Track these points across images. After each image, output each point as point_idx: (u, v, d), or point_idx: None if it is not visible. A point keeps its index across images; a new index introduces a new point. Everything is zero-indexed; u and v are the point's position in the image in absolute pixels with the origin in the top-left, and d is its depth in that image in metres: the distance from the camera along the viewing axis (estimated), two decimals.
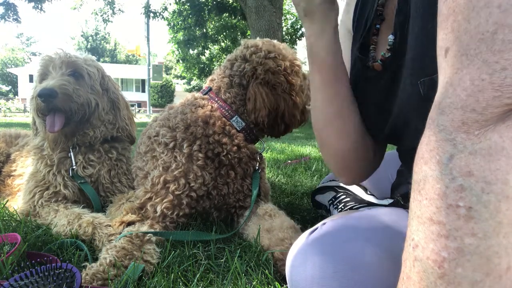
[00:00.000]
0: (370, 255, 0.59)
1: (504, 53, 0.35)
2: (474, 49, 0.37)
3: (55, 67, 1.38)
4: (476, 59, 0.37)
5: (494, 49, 0.35)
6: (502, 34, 0.35)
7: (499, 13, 0.35)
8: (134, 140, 1.61)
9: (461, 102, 0.38)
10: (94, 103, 1.43)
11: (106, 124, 1.49)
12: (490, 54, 0.36)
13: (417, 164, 0.43)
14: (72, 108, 1.35)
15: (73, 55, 1.43)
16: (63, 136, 1.40)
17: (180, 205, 1.21)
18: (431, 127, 0.41)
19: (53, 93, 1.28)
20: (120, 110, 1.54)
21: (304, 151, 3.76)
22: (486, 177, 0.36)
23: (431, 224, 0.39)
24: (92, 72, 1.44)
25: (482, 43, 0.36)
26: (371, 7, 0.76)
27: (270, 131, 1.36)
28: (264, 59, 1.29)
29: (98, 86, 1.46)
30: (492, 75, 0.35)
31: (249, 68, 1.29)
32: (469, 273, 0.36)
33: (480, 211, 0.36)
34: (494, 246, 0.35)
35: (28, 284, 0.76)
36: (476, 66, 0.37)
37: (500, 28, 0.35)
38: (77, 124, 1.41)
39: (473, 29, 0.37)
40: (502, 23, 0.35)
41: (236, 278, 0.89)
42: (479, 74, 0.36)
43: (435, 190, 0.39)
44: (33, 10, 11.87)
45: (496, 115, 0.36)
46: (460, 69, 0.38)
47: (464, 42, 0.38)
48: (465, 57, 0.38)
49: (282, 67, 1.30)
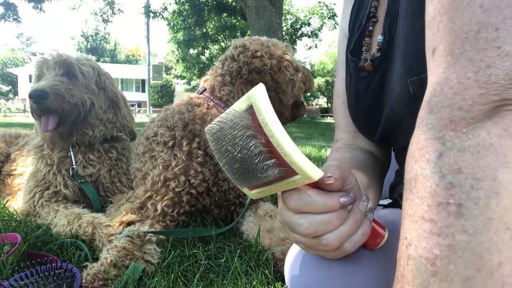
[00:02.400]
0: (367, 258, 0.59)
1: (488, 51, 0.35)
2: (459, 48, 0.38)
3: (49, 68, 1.39)
4: (461, 58, 0.37)
5: (478, 47, 0.36)
6: (486, 32, 0.36)
7: (482, 12, 0.36)
8: (135, 136, 1.60)
9: (448, 101, 0.38)
10: (90, 102, 1.43)
11: (105, 123, 1.49)
12: (474, 53, 0.36)
13: (408, 163, 0.43)
14: (64, 108, 1.34)
15: (66, 55, 1.43)
16: (58, 136, 1.40)
17: (181, 202, 1.22)
18: (420, 126, 0.42)
19: (43, 94, 1.28)
20: (120, 108, 1.54)
21: (304, 151, 3.76)
22: (475, 173, 0.36)
23: (423, 222, 0.39)
24: (86, 71, 1.43)
25: (466, 42, 0.37)
26: (365, 10, 0.76)
27: None
28: (251, 59, 1.32)
29: (94, 85, 1.45)
30: (477, 73, 0.36)
31: (235, 68, 1.33)
32: (461, 269, 0.37)
33: (470, 207, 0.36)
34: (485, 242, 0.36)
35: (28, 284, 0.76)
36: (461, 64, 0.37)
37: (483, 27, 0.36)
38: (73, 124, 1.41)
39: (457, 28, 0.38)
40: (485, 22, 0.36)
41: (236, 278, 0.89)
42: (464, 73, 0.37)
43: (425, 189, 0.39)
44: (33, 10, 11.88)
45: (483, 112, 0.36)
46: (446, 68, 0.39)
47: (449, 42, 0.39)
48: (451, 57, 0.38)
49: (268, 66, 1.32)
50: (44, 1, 11.77)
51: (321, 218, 0.49)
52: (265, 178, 0.45)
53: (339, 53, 0.90)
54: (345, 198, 0.49)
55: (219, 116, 0.47)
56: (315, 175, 0.45)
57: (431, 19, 0.42)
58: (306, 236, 0.51)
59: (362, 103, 0.77)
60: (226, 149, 0.45)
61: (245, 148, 0.43)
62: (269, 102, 0.43)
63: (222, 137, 0.45)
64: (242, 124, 0.43)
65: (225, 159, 0.46)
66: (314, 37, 19.31)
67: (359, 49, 0.76)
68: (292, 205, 0.50)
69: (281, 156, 0.43)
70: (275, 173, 0.44)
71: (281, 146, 0.42)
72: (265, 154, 0.43)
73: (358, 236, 0.52)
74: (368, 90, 0.74)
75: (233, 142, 0.44)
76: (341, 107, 0.87)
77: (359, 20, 0.79)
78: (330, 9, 18.61)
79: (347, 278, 0.57)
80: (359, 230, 0.52)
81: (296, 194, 0.49)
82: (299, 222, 0.50)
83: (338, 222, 0.50)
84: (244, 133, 0.43)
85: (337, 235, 0.50)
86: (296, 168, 0.43)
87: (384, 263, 0.58)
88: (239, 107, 0.46)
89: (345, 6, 0.89)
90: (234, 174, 0.47)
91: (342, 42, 0.89)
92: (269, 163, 0.43)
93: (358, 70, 0.75)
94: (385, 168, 0.87)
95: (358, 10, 0.81)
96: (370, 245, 0.58)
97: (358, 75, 0.76)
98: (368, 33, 0.74)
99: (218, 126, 0.46)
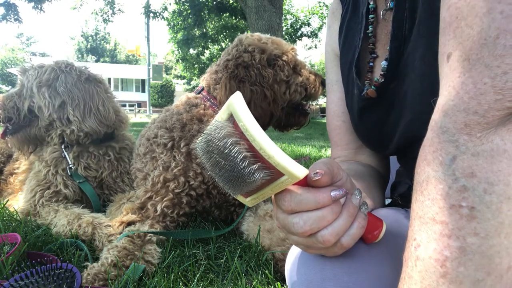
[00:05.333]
0: (368, 257, 0.59)
1: (506, 57, 0.36)
2: (476, 54, 0.38)
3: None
4: (478, 64, 0.37)
5: (496, 53, 0.36)
6: (504, 39, 0.36)
7: (501, 19, 0.36)
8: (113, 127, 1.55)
9: (464, 105, 0.38)
10: (36, 106, 1.41)
11: (83, 119, 1.40)
12: (492, 59, 0.36)
13: (420, 165, 0.43)
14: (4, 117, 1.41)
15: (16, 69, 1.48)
16: (17, 142, 1.45)
17: (180, 203, 1.22)
18: (434, 129, 0.42)
19: None
20: (88, 103, 1.44)
21: (304, 151, 3.76)
22: (488, 178, 0.37)
23: (433, 224, 0.40)
24: (26, 79, 1.43)
25: (484, 48, 0.37)
26: (359, 35, 0.77)
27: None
28: (242, 53, 1.31)
29: (35, 88, 1.41)
30: (494, 79, 0.36)
31: (223, 61, 1.32)
32: (471, 272, 0.37)
33: (483, 211, 0.36)
34: (496, 246, 0.36)
35: (28, 284, 0.76)
36: (478, 70, 0.37)
37: (502, 34, 0.36)
38: (28, 129, 1.44)
39: (475, 34, 0.38)
40: (504, 28, 0.36)
41: (236, 278, 0.89)
42: (481, 78, 0.37)
43: (437, 191, 0.40)
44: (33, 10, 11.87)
45: (498, 118, 0.37)
46: (462, 73, 0.39)
47: (466, 47, 0.39)
48: (467, 62, 0.38)
49: (257, 60, 1.30)
50: (44, 1, 11.76)
51: (314, 215, 0.49)
52: (254, 183, 0.46)
53: (329, 73, 0.89)
54: (336, 191, 0.50)
55: (205, 130, 0.48)
56: (299, 173, 0.45)
57: (447, 25, 0.42)
58: (303, 235, 0.51)
59: (368, 124, 0.78)
60: (216, 160, 0.46)
61: (230, 155, 0.44)
62: (247, 108, 0.45)
63: (210, 149, 0.46)
64: (225, 133, 0.44)
65: (216, 170, 0.47)
66: (314, 37, 19.32)
67: (360, 75, 0.76)
68: (285, 207, 0.50)
69: (265, 159, 0.44)
70: (262, 176, 0.45)
71: (264, 149, 0.43)
72: (249, 159, 0.44)
73: (354, 230, 0.52)
74: (375, 113, 0.75)
75: (220, 151, 0.45)
76: (341, 126, 0.86)
77: (353, 46, 0.79)
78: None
79: (348, 277, 0.57)
80: (354, 223, 0.52)
81: (287, 195, 0.50)
82: (293, 222, 0.50)
83: (332, 217, 0.50)
84: (228, 141, 0.44)
85: (331, 230, 0.50)
86: (281, 168, 0.44)
87: (386, 261, 0.58)
88: (221, 117, 0.47)
89: (331, 25, 0.89)
90: (226, 183, 0.48)
91: (332, 61, 0.88)
92: (254, 167, 0.44)
93: (362, 99, 0.76)
94: (385, 180, 0.87)
95: (347, 31, 0.81)
96: (368, 239, 0.58)
97: (362, 102, 0.76)
98: (369, 69, 0.75)
99: (205, 139, 0.47)
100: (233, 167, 0.44)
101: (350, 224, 0.52)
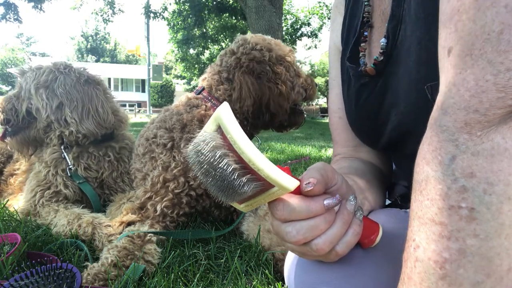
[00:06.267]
0: (367, 258, 0.59)
1: (510, 53, 0.34)
2: (479, 49, 0.36)
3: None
4: (480, 60, 0.36)
5: (500, 49, 0.35)
6: (508, 34, 0.34)
7: (506, 13, 0.35)
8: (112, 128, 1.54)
9: (465, 103, 0.37)
10: (31, 108, 1.41)
11: (80, 121, 1.39)
12: (495, 55, 0.35)
13: (419, 165, 0.42)
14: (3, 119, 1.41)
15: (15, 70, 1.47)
16: (17, 143, 1.45)
17: (180, 204, 1.22)
18: (433, 128, 0.41)
19: None
20: (88, 103, 1.43)
21: (304, 151, 3.76)
22: (488, 178, 0.36)
23: (432, 224, 0.39)
24: (25, 80, 1.42)
25: (487, 43, 0.36)
26: (359, 19, 0.75)
27: (254, 121, 1.35)
28: (251, 50, 1.30)
29: (33, 90, 1.40)
30: (496, 76, 0.35)
31: (233, 60, 1.31)
32: (471, 274, 0.36)
33: (482, 212, 0.36)
34: (496, 247, 0.35)
35: (28, 284, 0.76)
36: (480, 66, 0.36)
37: (507, 28, 0.34)
38: (27, 131, 1.44)
39: (478, 29, 0.36)
40: (509, 23, 0.34)
41: (236, 278, 0.89)
42: (483, 75, 0.36)
43: (436, 191, 0.39)
44: (33, 10, 11.87)
45: (499, 116, 0.36)
46: (464, 69, 0.38)
47: (468, 42, 0.37)
48: (469, 57, 0.37)
49: (267, 57, 1.30)
50: (44, 1, 11.77)
51: (307, 224, 0.49)
52: (245, 194, 0.45)
53: (331, 68, 0.88)
54: (329, 200, 0.49)
55: (193, 139, 0.48)
56: (290, 185, 0.45)
57: (448, 18, 0.40)
58: (296, 244, 0.51)
59: (363, 111, 0.76)
60: (206, 170, 0.46)
61: (219, 167, 0.44)
62: (235, 120, 0.44)
63: (200, 160, 0.46)
64: (213, 144, 0.44)
65: (207, 179, 0.47)
66: (313, 37, 19.31)
67: (356, 55, 0.74)
68: (278, 215, 0.50)
69: (255, 171, 0.43)
70: (252, 188, 0.44)
71: (253, 161, 0.43)
72: (239, 171, 0.44)
73: (349, 237, 0.51)
74: (371, 96, 0.73)
75: (209, 162, 0.45)
76: (338, 122, 0.86)
77: (353, 28, 0.77)
78: (330, 10, 18.56)
79: (347, 278, 0.57)
80: (349, 230, 0.51)
81: (280, 203, 0.49)
82: (286, 231, 0.50)
83: (325, 225, 0.49)
84: (216, 153, 0.44)
85: (325, 239, 0.49)
86: (271, 180, 0.44)
87: (384, 264, 0.57)
88: (209, 128, 0.47)
89: (334, 19, 0.87)
90: (218, 192, 0.47)
91: (334, 56, 0.87)
92: (244, 179, 0.44)
93: (359, 76, 0.74)
94: (386, 178, 0.86)
95: (350, 20, 0.79)
96: (365, 244, 0.57)
97: (359, 82, 0.74)
98: (364, 38, 0.73)
99: (194, 149, 0.47)
100: (223, 178, 0.44)
101: (345, 231, 0.51)
